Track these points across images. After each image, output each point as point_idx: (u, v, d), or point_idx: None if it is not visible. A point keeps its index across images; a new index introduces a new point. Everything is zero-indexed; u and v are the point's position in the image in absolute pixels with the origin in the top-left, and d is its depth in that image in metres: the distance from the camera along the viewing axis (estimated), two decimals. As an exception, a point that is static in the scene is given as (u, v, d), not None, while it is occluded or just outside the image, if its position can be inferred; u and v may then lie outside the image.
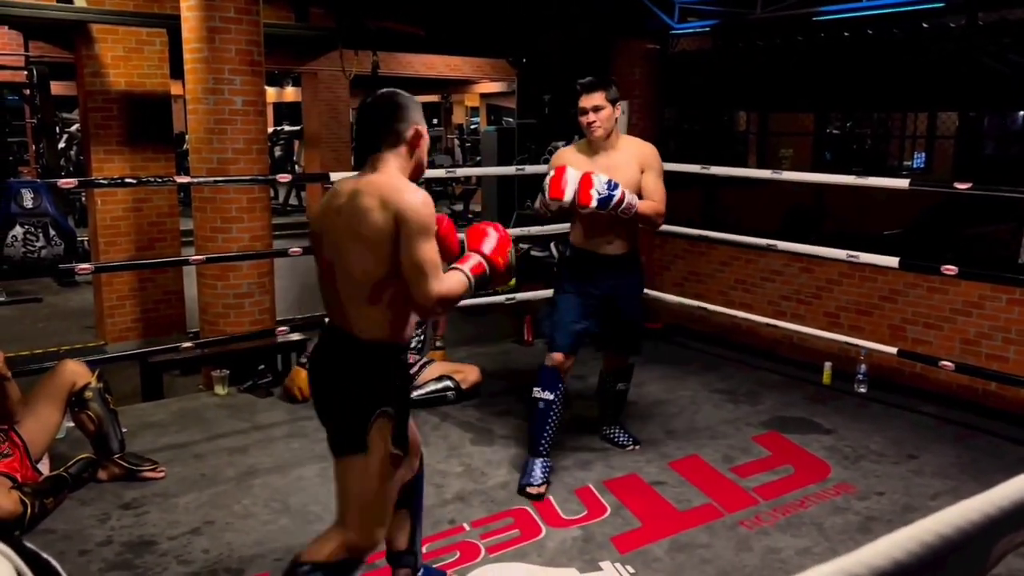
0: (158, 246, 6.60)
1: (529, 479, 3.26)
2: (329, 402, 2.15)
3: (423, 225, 1.97)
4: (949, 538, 0.51)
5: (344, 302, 2.07)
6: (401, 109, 2.10)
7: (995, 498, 0.56)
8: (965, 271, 4.01)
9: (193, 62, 4.80)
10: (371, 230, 1.97)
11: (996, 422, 4.07)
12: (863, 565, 0.47)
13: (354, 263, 2.01)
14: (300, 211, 15.00)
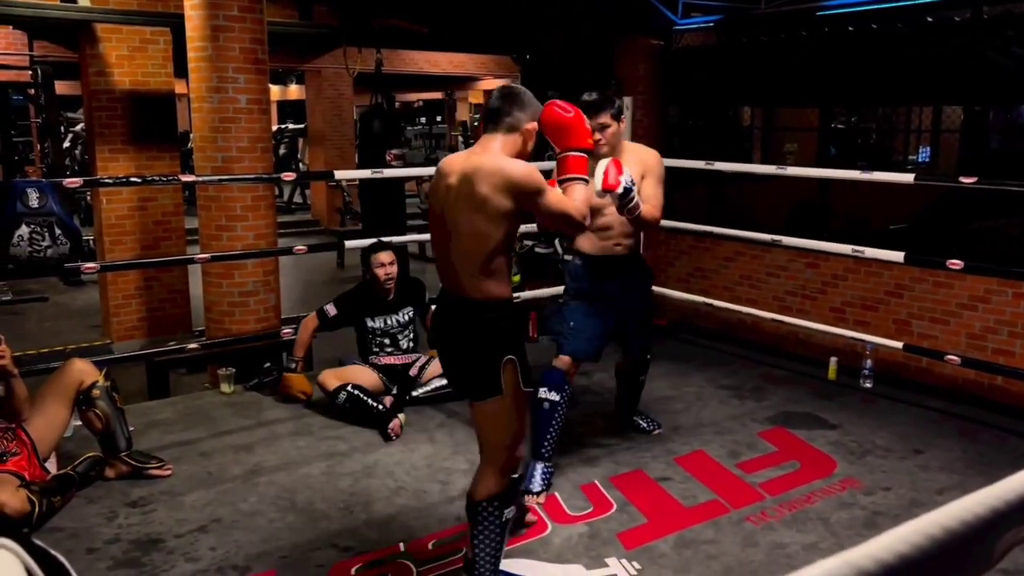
0: (163, 245, 6.62)
1: (529, 484, 3.20)
2: (459, 359, 2.47)
3: (537, 185, 2.29)
4: (955, 531, 0.51)
5: (459, 270, 2.37)
6: (527, 104, 2.41)
7: (1000, 492, 0.56)
8: (971, 265, 4.00)
9: (197, 61, 4.81)
10: (497, 212, 2.28)
11: (1002, 416, 4.07)
12: (869, 558, 0.47)
13: (469, 237, 2.32)
14: (305, 209, 15.02)
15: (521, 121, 2.39)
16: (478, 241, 2.31)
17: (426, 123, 22.14)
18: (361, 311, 4.28)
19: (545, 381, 3.34)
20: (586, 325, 3.42)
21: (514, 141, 2.39)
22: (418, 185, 13.99)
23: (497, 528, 2.45)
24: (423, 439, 3.84)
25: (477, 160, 2.34)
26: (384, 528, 3.00)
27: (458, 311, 2.42)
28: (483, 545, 2.45)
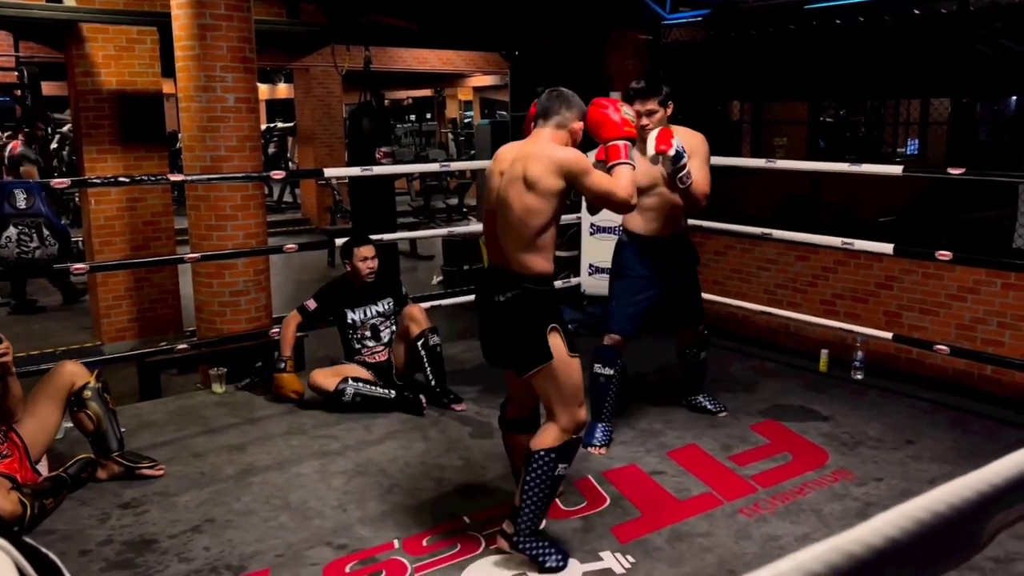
0: (153, 245, 6.59)
1: (591, 440, 3.58)
2: (507, 331, 2.68)
3: (584, 167, 2.57)
4: (943, 515, 0.52)
5: (508, 247, 2.63)
6: (574, 105, 2.70)
7: (988, 475, 0.56)
8: (960, 256, 4.02)
9: (185, 60, 4.78)
10: (546, 190, 2.54)
11: (992, 406, 4.09)
12: (858, 543, 0.47)
13: (522, 215, 2.57)
14: (295, 208, 14.98)
15: (568, 120, 2.68)
16: (528, 218, 2.57)
17: (416, 120, 22.10)
18: (341, 303, 4.29)
19: (599, 358, 3.66)
20: (627, 303, 3.67)
21: (562, 136, 2.67)
22: (408, 183, 13.98)
23: (547, 479, 2.62)
24: (416, 436, 3.84)
25: (529, 148, 2.64)
26: (378, 525, 3.00)
27: (505, 284, 2.65)
28: (531, 493, 2.62)
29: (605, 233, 5.47)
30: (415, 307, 4.31)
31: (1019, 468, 0.57)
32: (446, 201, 13.52)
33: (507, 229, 2.62)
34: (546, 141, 2.64)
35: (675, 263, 3.71)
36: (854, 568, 0.47)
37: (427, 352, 4.16)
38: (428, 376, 4.18)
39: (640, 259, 3.67)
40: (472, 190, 12.55)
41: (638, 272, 3.66)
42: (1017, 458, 0.59)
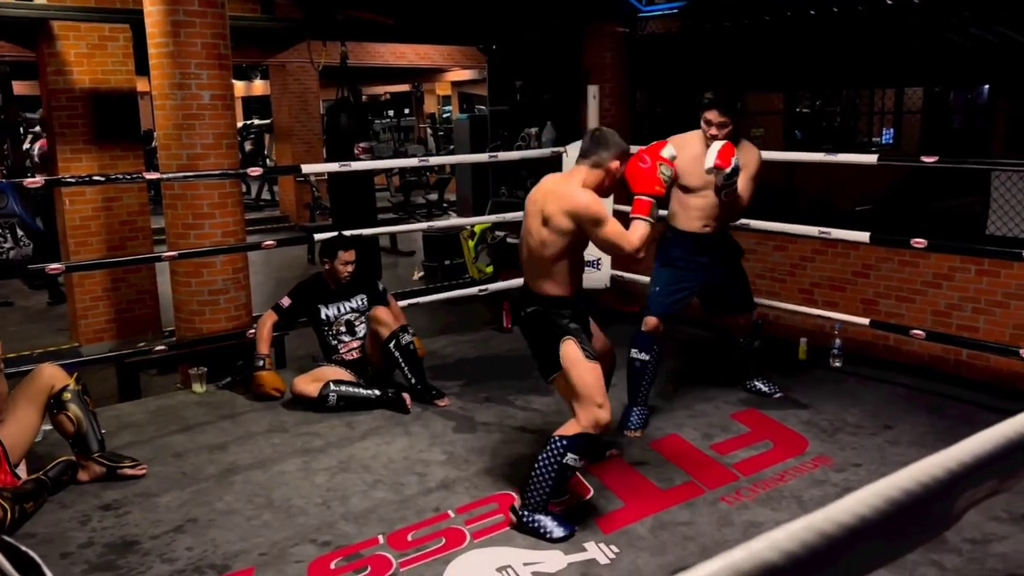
0: (130, 245, 6.52)
1: (627, 424, 3.74)
2: (530, 342, 2.99)
3: (594, 216, 2.77)
4: (914, 493, 0.53)
5: (529, 271, 2.95)
6: (612, 145, 2.89)
7: (958, 454, 0.57)
8: (934, 243, 4.07)
9: (158, 57, 4.73)
10: (554, 226, 2.80)
11: (968, 391, 4.15)
12: (831, 522, 0.48)
13: (538, 245, 2.85)
14: (273, 205, 14.88)
15: (604, 160, 2.87)
16: (542, 249, 2.85)
17: (394, 116, 22.01)
18: (314, 299, 4.30)
19: (635, 344, 3.82)
20: (668, 291, 3.84)
21: (597, 175, 2.88)
22: (388, 178, 13.92)
23: (555, 464, 2.81)
24: (399, 432, 3.84)
25: (559, 185, 2.90)
26: (362, 521, 3.00)
27: (528, 303, 2.97)
28: (538, 473, 2.84)
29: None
30: (380, 309, 4.24)
31: (986, 446, 0.59)
32: (426, 196, 13.49)
33: (528, 255, 2.93)
34: (576, 181, 2.86)
35: (718, 258, 3.85)
36: (827, 546, 0.48)
37: (400, 352, 4.14)
38: (407, 376, 4.17)
39: (684, 253, 3.83)
40: (452, 185, 12.52)
41: (681, 264, 3.83)
42: (984, 437, 0.60)
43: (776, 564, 0.46)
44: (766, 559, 0.46)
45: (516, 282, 5.57)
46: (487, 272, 7.01)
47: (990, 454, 0.60)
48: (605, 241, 2.82)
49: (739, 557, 0.47)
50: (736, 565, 0.46)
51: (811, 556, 0.48)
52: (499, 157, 5.88)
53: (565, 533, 2.84)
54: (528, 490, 2.87)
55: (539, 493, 2.85)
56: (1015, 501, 2.98)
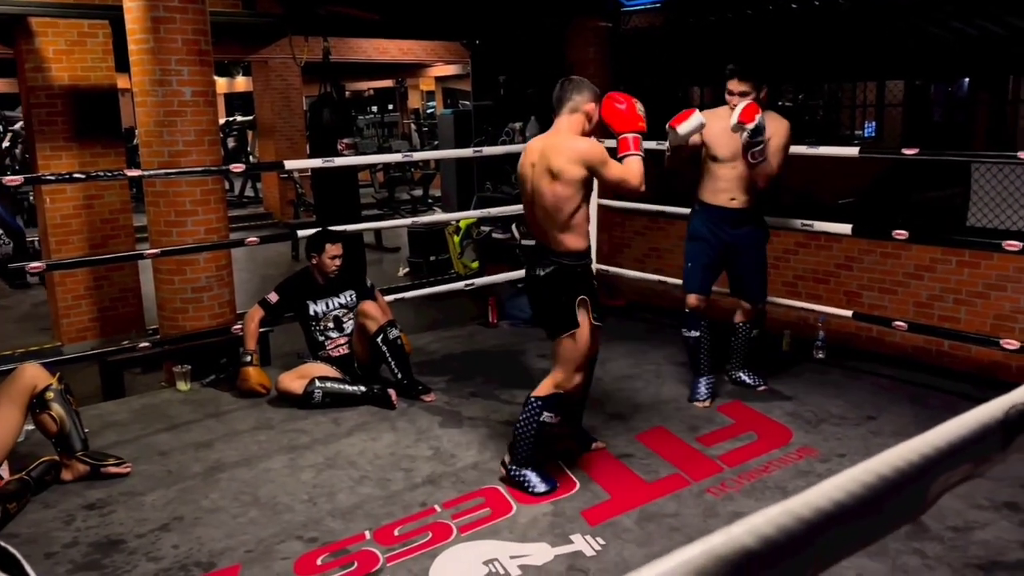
0: (111, 243, 6.47)
1: (695, 395, 3.97)
2: (544, 300, 3.10)
3: (601, 158, 2.93)
4: (889, 478, 0.54)
5: (544, 228, 3.03)
6: (584, 88, 3.02)
7: (932, 439, 0.58)
8: (916, 235, 4.10)
9: (139, 53, 4.69)
10: (569, 179, 2.91)
11: (950, 381, 4.19)
12: (808, 506, 0.49)
13: (553, 203, 2.96)
14: (257, 202, 14.80)
15: (580, 103, 3.00)
16: (559, 203, 2.95)
17: (378, 111, 21.93)
18: (302, 295, 4.28)
19: (684, 323, 4.01)
20: (699, 266, 3.95)
21: (578, 119, 3.01)
22: (372, 174, 13.87)
23: (533, 422, 3.06)
24: (385, 427, 3.83)
25: (552, 140, 3.00)
26: (348, 517, 3.00)
27: (544, 261, 3.06)
28: (521, 431, 3.10)
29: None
30: (368, 303, 4.23)
31: (960, 432, 0.60)
32: (411, 192, 13.46)
33: (543, 215, 3.01)
34: (566, 131, 3.00)
35: (741, 234, 3.87)
36: (804, 530, 0.48)
37: (388, 347, 4.14)
38: (393, 370, 4.17)
39: (707, 225, 3.90)
40: (437, 180, 12.50)
41: (703, 236, 3.91)
42: (958, 422, 0.61)
43: (753, 548, 0.47)
44: (744, 544, 0.47)
45: (502, 277, 5.58)
46: (472, 267, 7.01)
47: (964, 439, 0.61)
48: (613, 178, 2.96)
49: (718, 542, 0.48)
50: (715, 550, 0.47)
51: (788, 540, 0.49)
52: (483, 152, 5.87)
53: (547, 488, 3.08)
54: (515, 448, 3.12)
55: (523, 449, 3.09)
56: (996, 489, 3.02)
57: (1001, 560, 2.60)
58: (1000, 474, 3.12)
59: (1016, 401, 0.66)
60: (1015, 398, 0.67)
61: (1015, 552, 2.64)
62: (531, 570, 2.62)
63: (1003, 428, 0.64)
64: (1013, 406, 0.65)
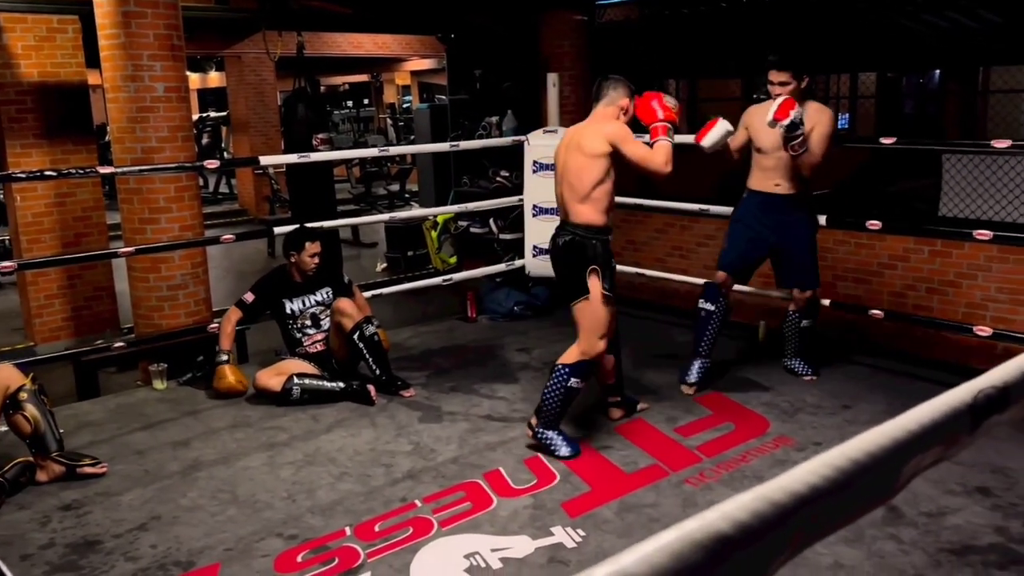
0: (85, 241, 6.39)
1: (685, 376, 4.05)
2: (561, 268, 3.40)
3: (623, 137, 3.25)
4: (861, 462, 0.55)
5: (567, 200, 3.33)
6: (620, 85, 3.39)
7: (903, 423, 0.59)
8: (889, 225, 4.15)
9: (110, 49, 4.63)
10: (593, 152, 3.24)
11: (924, 369, 4.24)
12: (782, 491, 0.50)
13: (576, 175, 3.28)
14: (232, 199, 14.67)
15: (615, 98, 3.37)
16: (581, 174, 3.26)
17: (353, 106, 21.81)
18: (279, 293, 4.27)
19: (704, 294, 4.09)
20: (736, 246, 4.06)
21: (612, 111, 3.36)
22: (348, 170, 13.80)
23: (561, 389, 3.29)
24: (364, 423, 3.83)
25: (587, 125, 3.38)
26: (329, 514, 2.99)
27: (563, 231, 3.35)
28: (548, 397, 3.32)
29: (548, 214, 5.49)
30: (343, 301, 4.21)
31: (931, 416, 0.61)
32: (387, 187, 13.40)
33: (567, 186, 3.32)
34: (599, 118, 3.36)
35: (785, 221, 3.93)
36: (778, 514, 0.49)
37: (365, 343, 4.12)
38: (371, 367, 4.15)
39: (752, 211, 4.00)
40: (413, 175, 12.44)
41: (747, 222, 4.02)
42: (929, 407, 0.62)
43: (728, 533, 0.48)
44: (718, 529, 0.48)
45: (479, 272, 5.58)
46: (451, 262, 7.00)
47: (934, 423, 0.62)
48: (635, 157, 3.23)
49: (693, 527, 0.49)
50: (690, 535, 0.47)
51: (762, 525, 0.49)
52: (460, 146, 5.86)
53: (570, 452, 3.32)
54: (541, 412, 3.34)
55: (550, 413, 3.32)
56: (968, 474, 3.07)
57: (974, 544, 2.65)
58: (972, 460, 3.17)
59: (984, 386, 0.68)
60: (983, 383, 0.68)
61: (987, 536, 2.69)
62: (512, 563, 2.63)
63: (971, 412, 0.66)
64: (981, 390, 0.67)
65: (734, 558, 0.49)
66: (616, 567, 0.47)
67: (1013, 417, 0.70)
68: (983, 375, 0.70)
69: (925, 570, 2.51)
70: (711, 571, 0.48)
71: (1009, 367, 0.70)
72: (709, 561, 0.48)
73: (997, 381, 0.68)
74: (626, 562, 0.47)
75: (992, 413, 0.67)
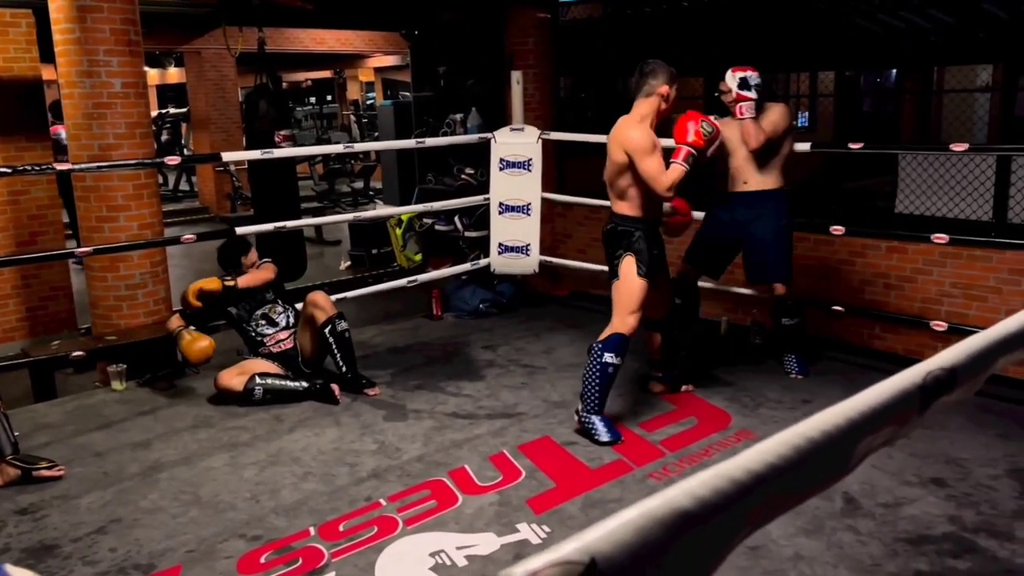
0: (40, 240, 6.25)
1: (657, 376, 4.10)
2: (606, 251, 3.57)
3: (639, 149, 3.34)
4: (816, 441, 0.56)
5: (611, 195, 3.54)
6: (659, 71, 3.44)
7: (857, 403, 0.61)
8: (852, 230, 4.24)
9: (64, 44, 4.53)
10: (614, 158, 3.43)
11: (881, 362, 4.33)
12: (741, 469, 0.51)
13: (613, 173, 3.48)
14: (192, 196, 14.46)
15: (655, 87, 3.43)
16: (614, 175, 3.47)
17: (316, 103, 21.61)
18: (221, 302, 4.24)
19: None
20: (701, 239, 4.26)
21: (652, 102, 3.43)
22: (311, 167, 13.67)
23: (597, 367, 3.40)
24: (328, 422, 3.80)
25: (625, 121, 3.47)
26: (292, 514, 2.96)
27: (609, 219, 3.55)
28: (587, 379, 3.44)
29: (515, 212, 5.49)
30: (318, 294, 4.21)
31: (883, 396, 0.63)
32: (351, 184, 13.30)
33: (609, 181, 3.52)
34: (636, 117, 3.44)
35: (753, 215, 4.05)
36: (737, 491, 0.50)
37: (335, 339, 4.10)
38: (338, 363, 4.13)
39: (720, 208, 4.21)
40: (378, 173, 12.37)
41: (716, 216, 4.22)
42: (881, 388, 0.64)
43: (688, 509, 0.49)
44: (680, 505, 0.49)
45: (443, 272, 5.58)
46: (416, 260, 6.97)
47: (886, 403, 0.64)
48: (644, 173, 3.35)
49: (655, 504, 0.49)
50: (652, 511, 0.48)
51: (722, 500, 0.50)
52: (426, 143, 5.85)
53: (610, 438, 3.41)
54: (583, 396, 3.44)
55: (591, 396, 3.42)
56: (924, 466, 3.14)
57: (928, 534, 2.71)
58: (927, 451, 3.24)
59: (933, 367, 0.70)
60: (932, 364, 0.70)
61: (942, 526, 2.75)
62: (478, 560, 2.63)
63: (921, 392, 0.68)
64: (930, 372, 0.69)
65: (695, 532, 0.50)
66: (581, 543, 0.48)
67: (959, 398, 0.72)
68: (932, 357, 0.72)
69: (882, 560, 2.56)
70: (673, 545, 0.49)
71: (957, 350, 0.72)
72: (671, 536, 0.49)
73: (946, 363, 0.70)
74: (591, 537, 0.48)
75: (941, 394, 0.69)
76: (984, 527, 2.73)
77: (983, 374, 0.73)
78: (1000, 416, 3.59)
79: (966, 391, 0.72)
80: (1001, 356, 0.73)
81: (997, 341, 0.72)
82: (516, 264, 5.44)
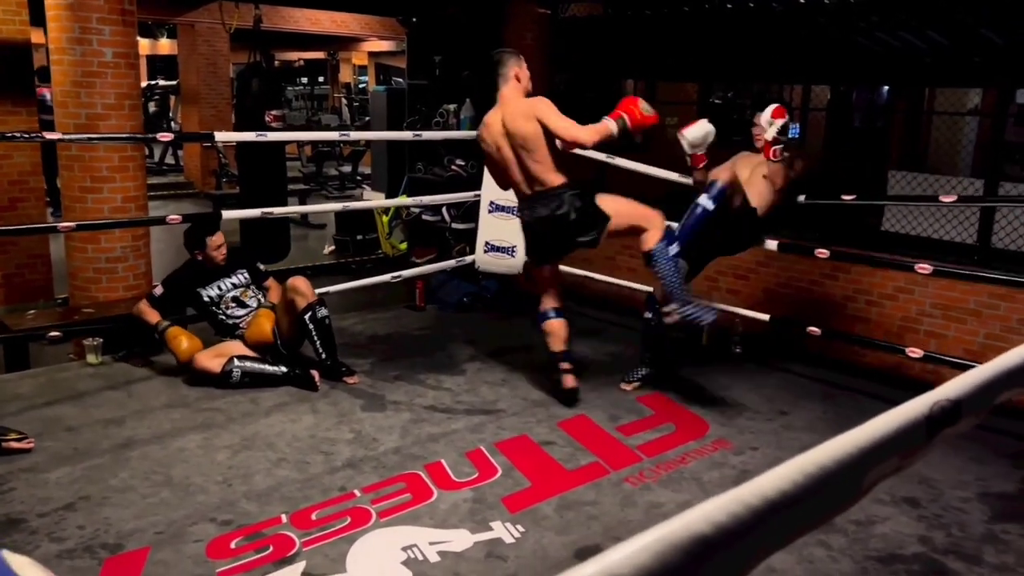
0: (20, 207, 6.16)
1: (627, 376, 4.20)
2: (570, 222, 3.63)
3: (546, 110, 3.51)
4: (829, 469, 0.56)
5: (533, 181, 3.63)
6: (506, 57, 3.67)
7: (868, 432, 0.61)
8: (836, 251, 4.25)
9: (56, 8, 4.47)
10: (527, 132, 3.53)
11: (859, 380, 4.36)
12: (756, 495, 0.50)
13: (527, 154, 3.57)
14: (177, 171, 14.32)
15: (509, 72, 3.63)
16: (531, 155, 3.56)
17: (308, 83, 21.47)
18: (192, 284, 4.16)
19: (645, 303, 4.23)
20: None
21: (515, 84, 3.63)
22: (299, 148, 13.57)
23: (665, 261, 3.56)
24: (305, 409, 3.77)
25: (505, 108, 3.62)
26: (264, 500, 2.93)
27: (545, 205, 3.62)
28: (665, 277, 3.56)
29: (503, 212, 5.47)
30: (299, 279, 4.15)
31: (892, 426, 0.62)
32: (339, 168, 13.22)
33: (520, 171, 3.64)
34: (513, 98, 3.61)
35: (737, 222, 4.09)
36: (753, 518, 0.49)
37: (315, 325, 4.06)
38: (318, 350, 4.09)
39: None
40: (366, 157, 12.30)
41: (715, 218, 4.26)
42: (889, 417, 0.64)
43: (707, 535, 0.48)
44: (699, 530, 0.48)
45: (428, 268, 5.55)
46: (401, 248, 6.94)
47: (894, 433, 0.64)
48: (557, 128, 3.47)
49: (674, 528, 0.49)
50: (670, 536, 0.47)
51: (739, 526, 0.50)
52: (423, 136, 5.80)
53: (714, 315, 3.59)
54: (672, 295, 3.56)
55: (675, 290, 3.55)
56: (896, 485, 3.16)
57: (899, 553, 2.72)
58: (902, 469, 3.26)
59: (939, 398, 0.69)
60: (939, 395, 0.70)
61: (912, 546, 2.77)
62: (450, 556, 2.62)
63: (928, 423, 0.68)
64: (936, 402, 0.69)
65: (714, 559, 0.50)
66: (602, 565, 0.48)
67: (962, 430, 0.72)
68: (938, 388, 0.72)
69: None
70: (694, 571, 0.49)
71: (962, 381, 0.72)
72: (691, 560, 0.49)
73: (951, 394, 0.70)
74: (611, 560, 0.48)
75: (946, 425, 0.69)
76: (953, 549, 2.75)
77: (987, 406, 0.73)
78: (974, 440, 3.62)
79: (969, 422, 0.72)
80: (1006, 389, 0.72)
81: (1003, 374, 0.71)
82: (501, 264, 5.43)
